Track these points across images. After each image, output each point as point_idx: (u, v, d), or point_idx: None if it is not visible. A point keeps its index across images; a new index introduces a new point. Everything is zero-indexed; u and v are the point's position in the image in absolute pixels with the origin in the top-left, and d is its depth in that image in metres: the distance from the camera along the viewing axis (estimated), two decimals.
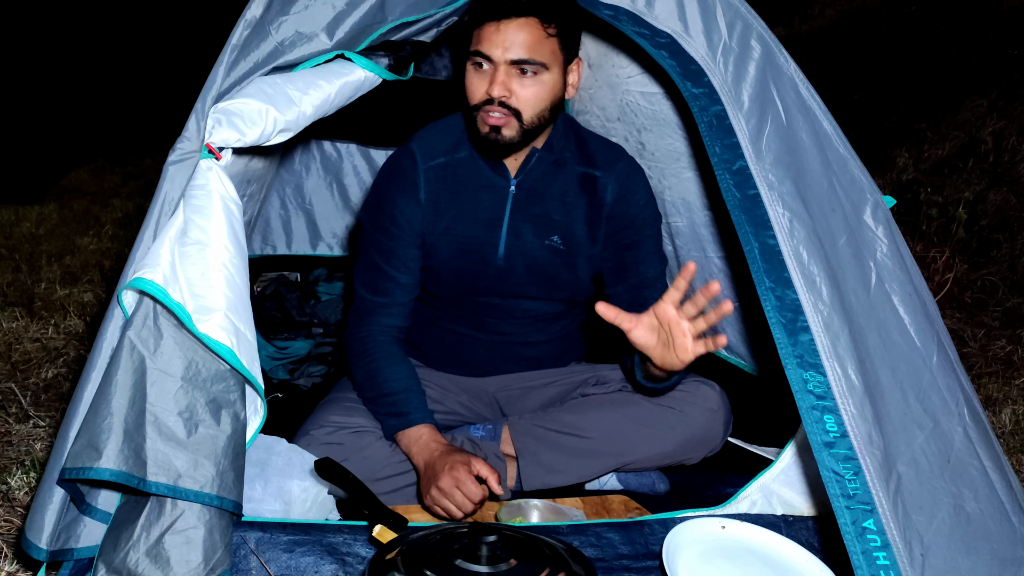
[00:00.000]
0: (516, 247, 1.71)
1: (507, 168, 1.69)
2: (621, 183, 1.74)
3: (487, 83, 1.53)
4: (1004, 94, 4.35)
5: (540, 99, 1.56)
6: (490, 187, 1.70)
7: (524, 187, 1.70)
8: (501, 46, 1.50)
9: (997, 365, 2.86)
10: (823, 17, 6.20)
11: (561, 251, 1.73)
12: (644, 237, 1.75)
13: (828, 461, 1.11)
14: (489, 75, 1.54)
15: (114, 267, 3.67)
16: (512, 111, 1.54)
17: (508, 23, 1.50)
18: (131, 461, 1.06)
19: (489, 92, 1.53)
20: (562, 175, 1.72)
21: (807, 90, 1.48)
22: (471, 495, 1.42)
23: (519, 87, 1.53)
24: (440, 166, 1.70)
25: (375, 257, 1.71)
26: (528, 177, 1.70)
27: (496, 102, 1.53)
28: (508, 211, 1.71)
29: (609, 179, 1.73)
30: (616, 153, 1.78)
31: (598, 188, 1.73)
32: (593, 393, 1.78)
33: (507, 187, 1.70)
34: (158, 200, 1.27)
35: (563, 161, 1.72)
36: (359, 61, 1.48)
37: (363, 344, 1.69)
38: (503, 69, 1.52)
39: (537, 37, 1.51)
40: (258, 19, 1.36)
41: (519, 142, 1.59)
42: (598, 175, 1.74)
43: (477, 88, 1.56)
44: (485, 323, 1.80)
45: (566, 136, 1.73)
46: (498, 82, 1.52)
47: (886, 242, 1.42)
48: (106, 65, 8.65)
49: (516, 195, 1.70)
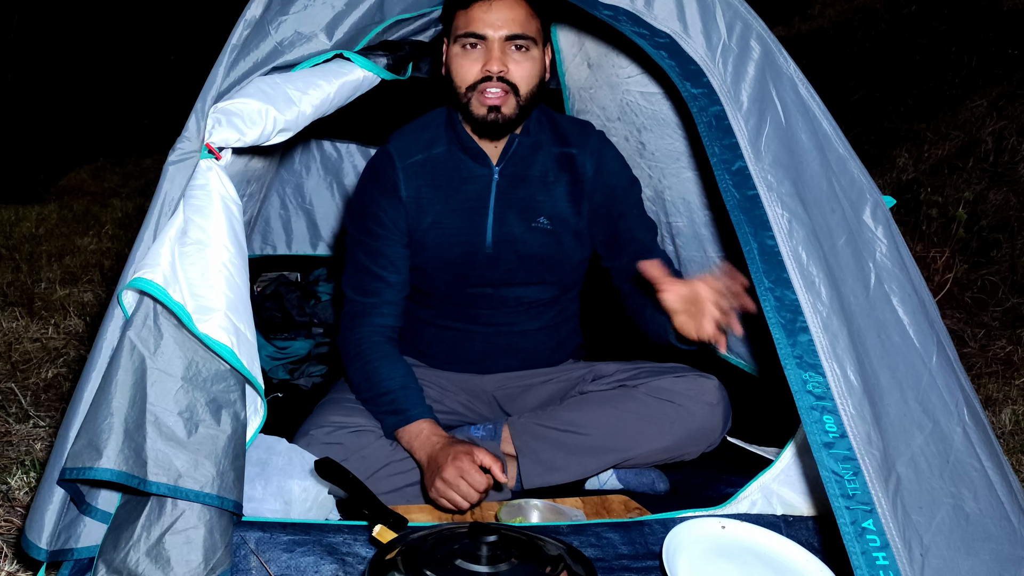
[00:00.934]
0: (503, 234, 1.73)
1: (488, 157, 1.72)
2: (596, 157, 1.79)
3: (480, 62, 1.59)
4: (1004, 94, 4.35)
5: (533, 75, 1.62)
6: (472, 178, 1.73)
7: (506, 173, 1.73)
8: (494, 24, 1.57)
9: (997, 365, 2.86)
10: (823, 17, 6.20)
11: (548, 231, 1.75)
12: (629, 205, 1.80)
13: (827, 461, 1.11)
14: (482, 54, 1.59)
15: (114, 267, 3.67)
16: (510, 85, 1.59)
17: (499, 2, 1.57)
18: (131, 461, 1.06)
19: (487, 69, 1.58)
20: (540, 156, 1.76)
21: (807, 90, 1.48)
22: (476, 484, 1.42)
23: (513, 63, 1.59)
24: (418, 163, 1.73)
25: (362, 259, 1.72)
26: (509, 163, 1.73)
27: (495, 77, 1.58)
28: (493, 199, 1.73)
29: (585, 155, 1.78)
30: (587, 129, 1.83)
31: (577, 165, 1.77)
32: (591, 390, 1.78)
33: (490, 175, 1.73)
34: (158, 200, 1.27)
35: (540, 143, 1.76)
36: (358, 61, 1.48)
37: (357, 346, 1.69)
38: (498, 46, 1.57)
39: (525, 15, 1.59)
40: (258, 19, 1.36)
41: (516, 119, 1.64)
42: (575, 152, 1.78)
43: (469, 69, 1.60)
44: (479, 315, 1.81)
45: (539, 119, 1.77)
46: (495, 58, 1.57)
47: (886, 242, 1.42)
48: (106, 65, 8.64)
49: (499, 182, 1.73)
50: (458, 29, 1.60)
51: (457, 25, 1.60)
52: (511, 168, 1.73)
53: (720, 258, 2.21)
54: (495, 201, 1.73)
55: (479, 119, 1.62)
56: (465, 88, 1.61)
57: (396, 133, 1.78)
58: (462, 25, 1.59)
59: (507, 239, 1.74)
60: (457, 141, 1.72)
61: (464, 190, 1.72)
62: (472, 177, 1.73)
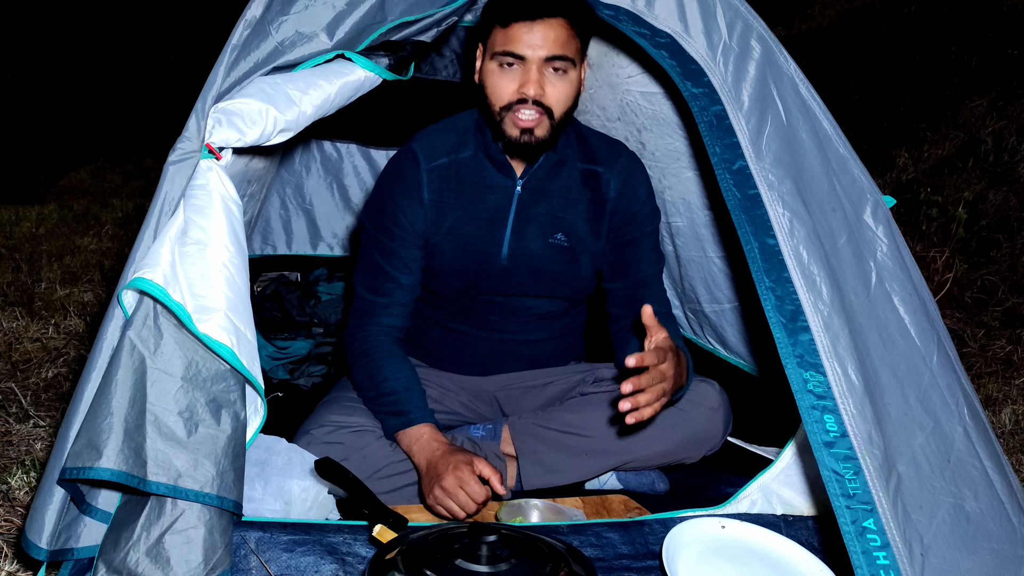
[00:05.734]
0: (520, 247, 1.72)
1: (513, 169, 1.69)
2: (623, 179, 1.76)
3: (517, 83, 1.55)
4: (1004, 94, 4.35)
5: (568, 97, 1.59)
6: (495, 187, 1.71)
7: (529, 187, 1.71)
8: (534, 44, 1.52)
9: (997, 365, 2.86)
10: (823, 17, 6.20)
11: (565, 248, 1.74)
12: (645, 234, 1.77)
13: (828, 461, 1.11)
14: (519, 74, 1.55)
15: (114, 267, 3.67)
16: (544, 109, 1.56)
17: (541, 23, 1.52)
18: (131, 461, 1.06)
19: (523, 92, 1.54)
20: (565, 172, 1.73)
21: (807, 90, 1.48)
22: (475, 495, 1.42)
23: (550, 86, 1.55)
24: (443, 166, 1.70)
25: (376, 257, 1.71)
26: (533, 177, 1.71)
27: (530, 101, 1.54)
28: (513, 211, 1.71)
29: (611, 175, 1.75)
30: (617, 149, 1.80)
31: (601, 184, 1.75)
32: (593, 392, 1.78)
33: (512, 187, 1.71)
34: (158, 200, 1.27)
35: (566, 159, 1.73)
36: (359, 61, 1.48)
37: (363, 344, 1.69)
38: (536, 67, 1.53)
39: (566, 36, 1.54)
40: (258, 19, 1.36)
41: (548, 140, 1.61)
42: (600, 171, 1.75)
43: (505, 88, 1.56)
44: (487, 321, 1.81)
45: (567, 134, 1.74)
46: (532, 80, 1.53)
47: (886, 242, 1.42)
48: (106, 65, 8.64)
49: (521, 195, 1.71)
50: (496, 45, 1.55)
51: (495, 41, 1.56)
52: (534, 182, 1.71)
53: (720, 258, 2.22)
54: (515, 213, 1.71)
55: (511, 140, 1.59)
56: (500, 108, 1.57)
57: (422, 133, 1.75)
58: (500, 42, 1.54)
59: (523, 252, 1.72)
60: (484, 148, 1.69)
61: (485, 198, 1.71)
62: (495, 187, 1.71)
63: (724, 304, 2.30)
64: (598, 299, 1.86)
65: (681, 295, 2.45)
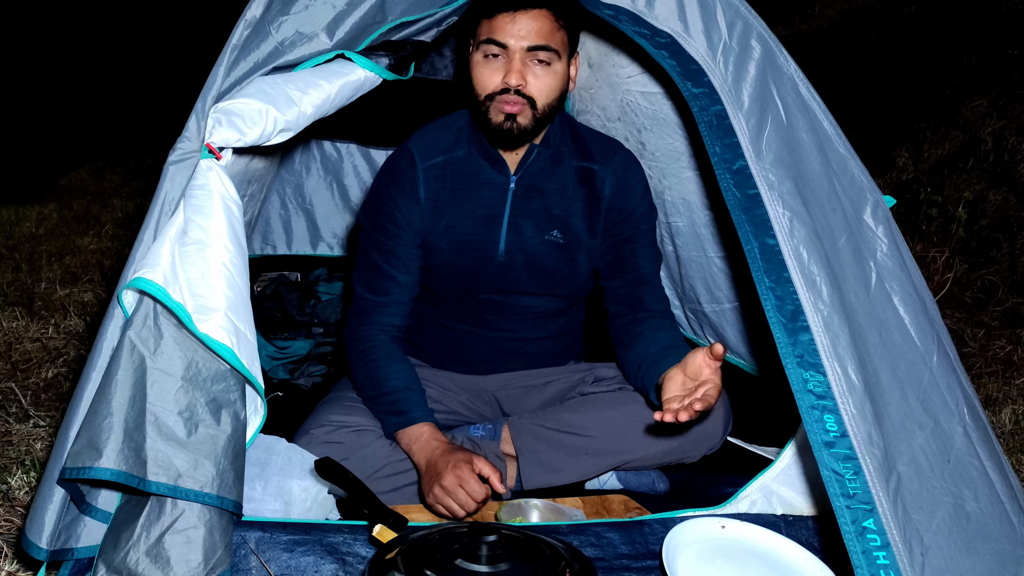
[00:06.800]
0: (516, 243, 1.72)
1: (507, 164, 1.70)
2: (619, 176, 1.76)
3: (501, 72, 1.56)
4: (1004, 94, 4.35)
5: (552, 88, 1.59)
6: (490, 184, 1.71)
7: (523, 183, 1.72)
8: (517, 34, 1.54)
9: (997, 365, 2.86)
10: (823, 17, 6.20)
11: (561, 245, 1.74)
12: (641, 231, 1.78)
13: (828, 461, 1.11)
14: (502, 64, 1.56)
15: (114, 267, 3.67)
16: (527, 99, 1.57)
17: (524, 13, 1.54)
18: (131, 461, 1.06)
19: (506, 81, 1.55)
20: (560, 169, 1.74)
21: (807, 90, 1.48)
22: (474, 494, 1.42)
23: (533, 76, 1.57)
24: (439, 165, 1.71)
25: (374, 257, 1.72)
26: (527, 173, 1.71)
27: (512, 90, 1.55)
28: (508, 207, 1.72)
29: (607, 172, 1.76)
30: (613, 147, 1.80)
31: (596, 181, 1.75)
32: (592, 392, 1.78)
33: (507, 184, 1.71)
34: (158, 200, 1.27)
35: (560, 156, 1.74)
36: (359, 61, 1.48)
37: (363, 343, 1.69)
38: (519, 57, 1.55)
39: (550, 27, 1.56)
40: (258, 19, 1.36)
41: (532, 130, 1.61)
42: (596, 168, 1.76)
43: (489, 78, 1.58)
44: (486, 320, 1.81)
45: (562, 131, 1.75)
46: (515, 70, 1.55)
47: (886, 242, 1.42)
48: (106, 65, 8.64)
49: (516, 191, 1.71)
50: (481, 36, 1.58)
51: (480, 32, 1.58)
52: (528, 178, 1.72)
53: (720, 258, 2.22)
54: (510, 210, 1.72)
55: (495, 126, 1.60)
56: (484, 97, 1.59)
57: (418, 132, 1.76)
58: (485, 32, 1.57)
59: (520, 249, 1.73)
60: (478, 145, 1.70)
61: (481, 195, 1.71)
62: (489, 183, 1.72)
63: (724, 304, 2.30)
64: (597, 299, 1.87)
65: (681, 295, 2.45)
